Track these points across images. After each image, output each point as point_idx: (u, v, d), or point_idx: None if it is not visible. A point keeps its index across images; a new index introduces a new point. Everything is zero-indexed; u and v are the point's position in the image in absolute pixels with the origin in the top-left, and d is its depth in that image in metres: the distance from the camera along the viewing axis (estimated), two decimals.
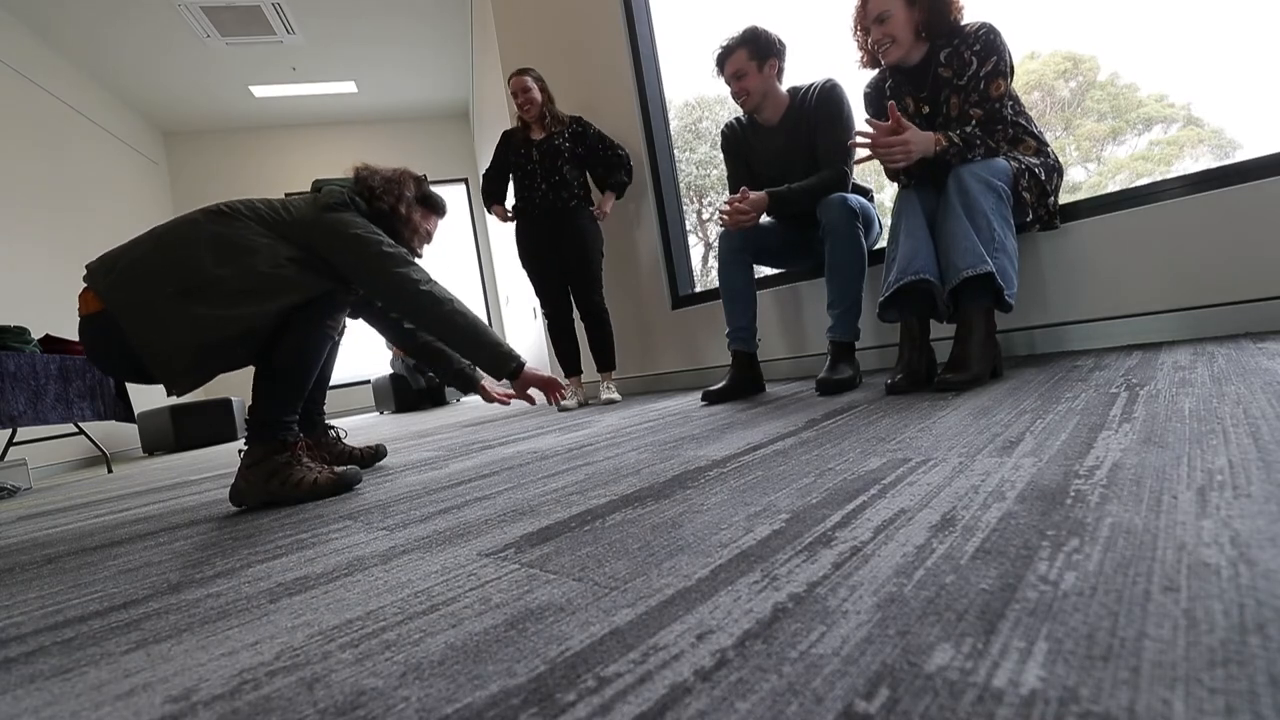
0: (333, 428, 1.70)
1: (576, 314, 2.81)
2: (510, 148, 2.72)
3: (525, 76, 2.60)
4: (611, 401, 2.64)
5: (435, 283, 1.36)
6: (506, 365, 1.42)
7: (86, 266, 1.21)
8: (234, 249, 1.21)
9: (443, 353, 1.71)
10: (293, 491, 1.23)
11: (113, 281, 1.18)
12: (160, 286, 1.17)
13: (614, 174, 2.72)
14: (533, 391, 1.51)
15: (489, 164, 2.82)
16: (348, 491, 1.30)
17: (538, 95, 2.59)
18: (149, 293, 1.17)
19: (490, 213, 2.85)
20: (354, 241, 1.30)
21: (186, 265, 1.18)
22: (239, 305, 1.20)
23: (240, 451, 1.29)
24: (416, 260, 1.39)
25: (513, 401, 1.80)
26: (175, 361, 1.18)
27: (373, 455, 1.71)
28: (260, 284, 1.22)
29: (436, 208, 1.60)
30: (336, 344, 1.51)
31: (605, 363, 2.81)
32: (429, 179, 1.63)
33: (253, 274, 1.21)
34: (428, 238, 1.60)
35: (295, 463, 1.27)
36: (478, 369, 1.67)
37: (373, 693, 0.41)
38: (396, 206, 1.45)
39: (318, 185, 1.43)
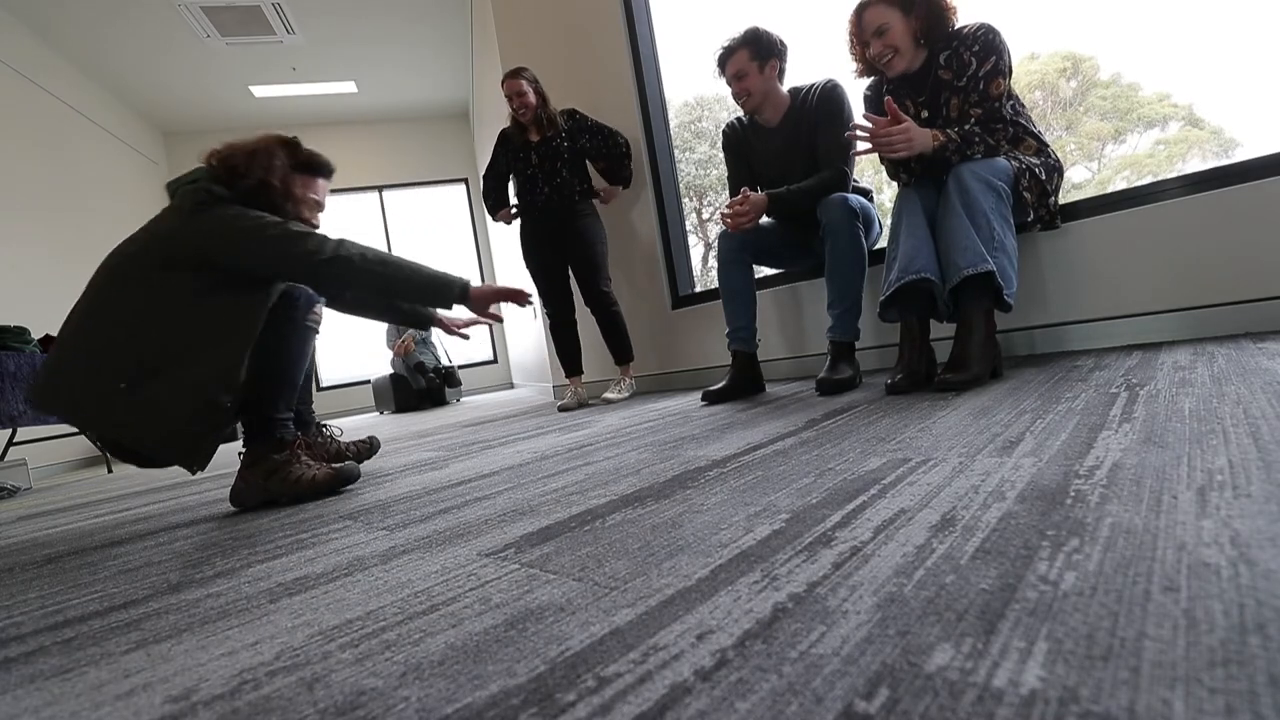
0: (325, 426, 1.69)
1: (578, 315, 2.81)
2: (508, 151, 2.71)
3: (520, 80, 2.56)
4: (609, 402, 2.64)
5: (344, 242, 1.25)
6: (451, 292, 1.33)
7: (27, 399, 1.15)
8: (146, 308, 1.14)
9: (384, 303, 1.62)
10: (292, 489, 1.23)
11: (66, 406, 1.12)
12: (109, 388, 1.11)
13: (619, 170, 2.72)
14: (495, 309, 1.42)
15: (486, 171, 2.80)
16: (347, 486, 1.30)
17: (532, 98, 2.57)
18: (103, 400, 1.10)
19: (496, 220, 2.84)
20: (240, 236, 1.18)
21: (116, 352, 1.12)
22: (199, 363, 1.15)
23: (240, 453, 1.29)
24: (313, 228, 1.28)
25: (474, 330, 1.61)
26: (179, 445, 1.16)
27: (367, 450, 1.71)
28: (202, 331, 1.16)
29: (318, 168, 1.41)
30: (315, 332, 1.42)
31: (621, 354, 2.77)
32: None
33: (186, 325, 1.15)
34: (318, 206, 1.43)
35: (294, 460, 1.26)
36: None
37: (373, 693, 0.41)
38: (267, 179, 1.29)
39: (171, 188, 1.31)
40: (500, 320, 1.47)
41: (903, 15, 1.49)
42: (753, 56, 1.86)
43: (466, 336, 1.55)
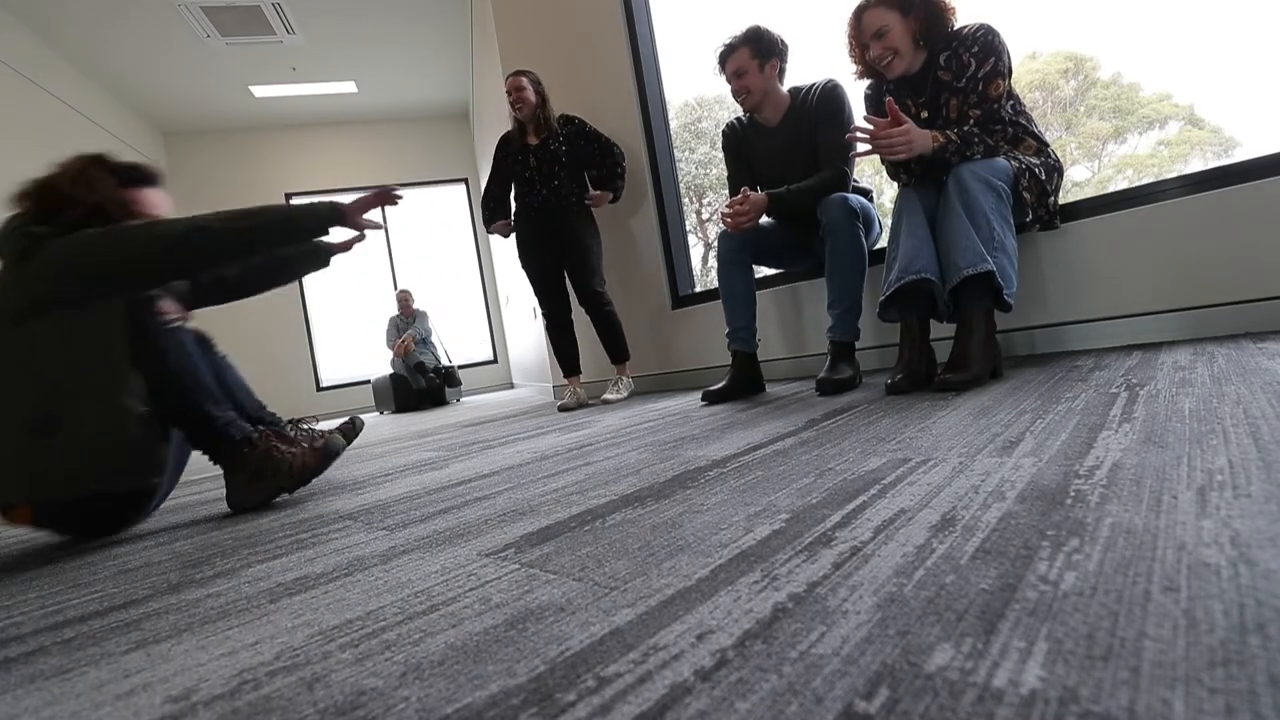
0: (298, 422, 1.66)
1: (575, 314, 2.81)
2: (508, 154, 2.73)
3: (521, 77, 2.61)
4: (607, 402, 2.64)
5: (194, 216, 1.17)
6: (323, 219, 1.27)
7: None
8: (13, 365, 1.07)
9: (269, 262, 1.54)
10: (286, 480, 1.21)
11: None
12: (14, 445, 1.04)
13: (611, 182, 2.74)
14: (371, 215, 1.37)
15: (489, 178, 2.81)
16: (337, 457, 1.30)
17: (531, 96, 2.60)
18: (20, 462, 1.04)
19: (491, 232, 2.84)
20: (80, 263, 1.10)
21: (3, 415, 1.05)
22: (97, 385, 1.07)
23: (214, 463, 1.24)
24: (156, 220, 1.20)
25: (359, 244, 1.58)
26: (137, 461, 1.09)
27: (350, 430, 1.68)
28: (82, 357, 1.08)
29: (147, 178, 1.31)
30: (180, 326, 1.26)
31: (616, 354, 2.77)
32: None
33: (63, 359, 1.07)
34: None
35: (272, 453, 1.23)
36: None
37: (373, 693, 0.41)
38: (99, 204, 1.19)
39: None
40: (380, 227, 1.40)
41: (902, 17, 1.49)
42: (753, 55, 1.86)
43: (364, 237, 1.47)
